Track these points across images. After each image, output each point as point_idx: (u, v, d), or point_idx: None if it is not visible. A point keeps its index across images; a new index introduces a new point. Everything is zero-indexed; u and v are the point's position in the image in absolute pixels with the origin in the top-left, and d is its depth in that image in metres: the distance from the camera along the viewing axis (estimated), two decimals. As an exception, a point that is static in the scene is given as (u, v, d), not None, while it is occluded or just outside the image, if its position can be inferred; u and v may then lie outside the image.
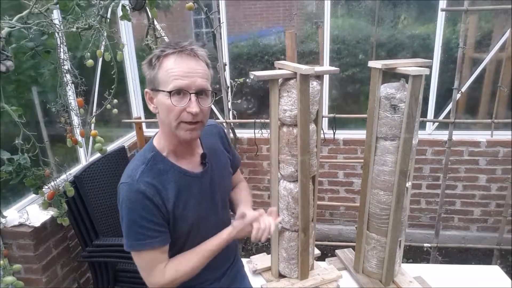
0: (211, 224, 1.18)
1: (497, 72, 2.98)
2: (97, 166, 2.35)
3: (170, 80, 0.97)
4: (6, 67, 1.35)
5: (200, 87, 1.00)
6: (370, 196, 1.94)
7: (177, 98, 0.98)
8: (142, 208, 1.02)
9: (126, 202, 1.02)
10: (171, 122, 1.01)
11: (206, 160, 1.15)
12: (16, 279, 1.55)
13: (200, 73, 1.00)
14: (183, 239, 1.13)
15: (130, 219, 1.03)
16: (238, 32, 3.49)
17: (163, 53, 1.00)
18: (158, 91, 1.01)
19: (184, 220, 1.10)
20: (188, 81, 0.98)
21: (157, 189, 1.04)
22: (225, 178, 1.24)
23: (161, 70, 0.99)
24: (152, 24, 2.58)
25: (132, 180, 1.03)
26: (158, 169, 1.07)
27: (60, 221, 1.99)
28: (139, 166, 1.06)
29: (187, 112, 0.99)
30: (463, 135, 3.11)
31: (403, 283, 1.99)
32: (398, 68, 1.71)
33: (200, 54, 1.01)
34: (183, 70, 0.98)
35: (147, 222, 1.02)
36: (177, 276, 1.08)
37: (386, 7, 3.11)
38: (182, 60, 0.98)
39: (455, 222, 3.36)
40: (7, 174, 1.53)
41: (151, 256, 1.06)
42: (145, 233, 1.03)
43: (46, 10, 1.53)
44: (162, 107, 1.01)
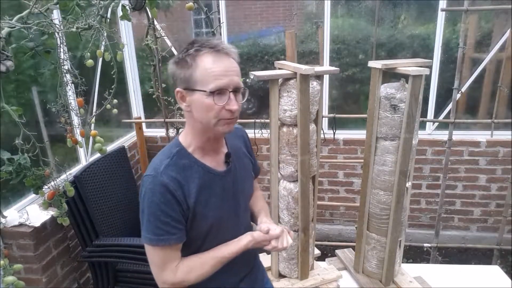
0: (231, 226, 1.16)
1: (497, 72, 2.98)
2: (97, 166, 2.35)
3: (211, 79, 0.98)
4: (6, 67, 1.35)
5: (237, 84, 1.02)
6: (370, 196, 1.94)
7: (217, 97, 0.99)
8: (163, 201, 1.02)
9: (149, 194, 1.03)
10: (210, 120, 1.02)
11: (230, 159, 1.15)
12: (16, 279, 1.55)
13: (235, 71, 1.02)
14: (201, 239, 1.12)
15: (150, 212, 1.03)
16: (238, 32, 3.49)
17: (198, 52, 1.00)
18: (194, 90, 1.01)
19: (204, 218, 1.09)
20: (227, 80, 0.99)
21: (180, 184, 1.04)
22: (247, 181, 1.24)
23: (198, 69, 0.99)
24: (152, 24, 2.58)
25: (156, 172, 1.03)
26: (183, 164, 1.07)
27: (60, 221, 1.99)
28: (163, 160, 1.06)
29: (226, 110, 1.01)
30: (463, 135, 3.12)
31: (403, 283, 1.99)
32: (398, 68, 1.71)
33: (233, 52, 1.04)
34: (222, 69, 0.99)
35: (167, 217, 1.02)
36: (188, 278, 1.07)
37: (386, 7, 3.11)
38: (219, 59, 1.00)
39: (455, 222, 3.36)
40: (7, 174, 1.53)
41: (166, 253, 1.05)
42: (164, 228, 1.02)
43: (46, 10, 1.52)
44: (198, 106, 1.02)
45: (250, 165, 1.27)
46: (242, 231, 1.16)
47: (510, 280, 2.08)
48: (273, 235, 1.10)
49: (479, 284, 2.04)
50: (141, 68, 3.45)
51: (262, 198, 1.39)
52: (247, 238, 1.12)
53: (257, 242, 1.11)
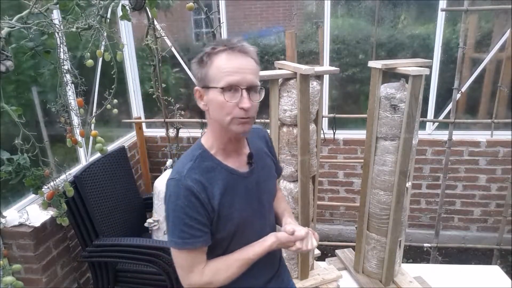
0: (256, 227, 1.16)
1: (497, 72, 2.98)
2: (97, 166, 2.35)
3: (222, 76, 0.99)
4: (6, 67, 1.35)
5: (251, 82, 1.01)
6: (370, 196, 1.94)
7: (229, 94, 0.99)
8: (188, 205, 1.02)
9: (173, 198, 1.03)
10: (223, 118, 1.02)
11: (252, 160, 1.15)
12: (15, 279, 1.55)
13: (250, 69, 1.02)
14: (228, 240, 1.12)
15: (175, 216, 1.03)
16: (238, 32, 3.48)
17: (214, 50, 1.01)
18: (209, 88, 1.02)
19: (229, 220, 1.09)
20: (239, 77, 0.99)
21: (204, 186, 1.04)
22: (270, 181, 1.23)
23: (212, 67, 1.01)
24: (152, 24, 2.58)
25: (180, 176, 1.04)
26: (206, 166, 1.07)
27: (59, 221, 1.99)
28: (186, 163, 1.07)
29: (239, 108, 1.00)
30: (463, 135, 3.11)
31: (403, 283, 1.99)
32: (398, 68, 1.71)
33: (250, 51, 1.03)
34: (234, 66, 0.99)
35: (192, 220, 1.02)
36: (215, 280, 1.08)
37: (386, 7, 3.11)
38: (233, 57, 1.00)
39: (455, 222, 3.36)
40: (7, 174, 1.53)
41: (192, 256, 1.06)
42: (189, 231, 1.03)
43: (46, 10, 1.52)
44: (213, 103, 1.02)
45: (273, 165, 1.26)
46: (268, 231, 1.15)
47: (510, 280, 2.08)
48: (298, 236, 1.09)
49: (479, 284, 2.04)
50: (141, 68, 3.45)
51: (284, 199, 1.38)
52: (271, 239, 1.11)
53: (281, 243, 1.10)
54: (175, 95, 3.49)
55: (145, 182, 3.41)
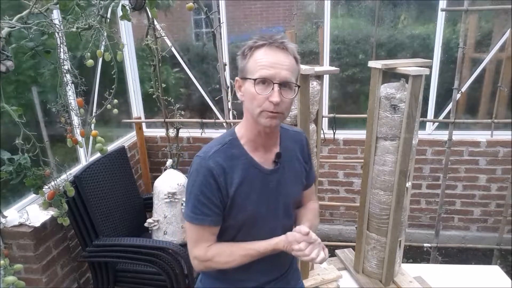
0: (268, 226, 1.17)
1: (497, 72, 2.98)
2: (97, 166, 2.35)
3: (257, 69, 1.02)
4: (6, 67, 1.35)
5: (284, 78, 1.03)
6: (370, 196, 1.94)
7: (261, 87, 1.03)
8: (205, 183, 1.07)
9: (194, 173, 1.10)
10: (254, 109, 1.05)
11: (279, 160, 1.16)
12: (17, 279, 1.55)
13: (286, 65, 1.03)
14: (236, 230, 1.15)
15: (191, 191, 1.10)
16: (238, 32, 3.48)
17: (255, 44, 1.05)
18: (246, 79, 1.06)
19: (241, 210, 1.12)
20: (273, 71, 1.02)
21: (225, 171, 1.08)
22: (294, 185, 1.22)
23: (251, 59, 1.04)
24: (152, 24, 2.58)
25: (205, 155, 1.09)
26: (232, 153, 1.11)
27: (60, 221, 1.99)
28: (215, 145, 1.12)
29: (269, 101, 1.02)
30: (463, 135, 3.11)
31: (403, 283, 1.99)
32: (398, 68, 1.71)
33: (290, 48, 1.05)
34: (270, 61, 1.02)
35: (205, 198, 1.08)
36: (216, 260, 1.12)
37: (386, 7, 3.11)
38: (271, 51, 1.03)
39: (455, 222, 3.36)
40: (7, 174, 1.53)
41: (200, 232, 1.11)
42: (200, 208, 1.08)
43: (46, 10, 1.52)
44: (247, 94, 1.06)
45: (302, 171, 1.25)
46: (279, 233, 1.15)
47: (510, 280, 2.08)
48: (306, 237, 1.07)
49: (479, 284, 2.04)
50: (141, 68, 3.45)
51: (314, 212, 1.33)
52: (278, 238, 1.12)
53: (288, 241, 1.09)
54: (175, 95, 3.49)
55: (145, 182, 3.41)
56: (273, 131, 1.12)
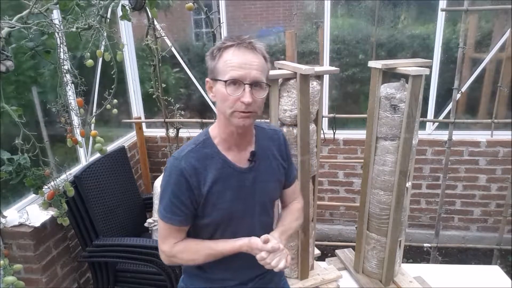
0: (245, 224, 1.18)
1: (497, 72, 2.98)
2: (97, 166, 2.35)
3: (227, 70, 1.03)
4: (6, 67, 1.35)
5: (255, 78, 1.04)
6: (370, 196, 1.94)
7: (232, 88, 1.03)
8: (176, 183, 1.09)
9: (166, 173, 1.13)
10: (226, 110, 1.06)
11: (254, 158, 1.17)
12: (17, 279, 1.55)
13: (256, 65, 1.04)
14: (213, 228, 1.16)
15: (163, 190, 1.13)
16: (238, 32, 3.48)
17: (223, 45, 1.06)
18: (216, 80, 1.06)
19: (216, 209, 1.13)
20: (243, 72, 1.02)
21: (197, 171, 1.10)
22: (270, 183, 1.23)
23: (221, 60, 1.05)
24: (152, 24, 2.58)
25: (178, 155, 1.12)
26: (205, 153, 1.13)
27: (60, 221, 1.99)
28: (189, 145, 1.14)
29: (241, 102, 1.03)
30: (463, 135, 3.11)
31: (403, 283, 1.99)
32: (398, 68, 1.71)
33: (258, 48, 1.06)
34: (240, 61, 1.03)
35: (175, 198, 1.10)
36: (180, 257, 1.17)
37: (386, 7, 3.11)
38: (240, 52, 1.04)
39: (455, 222, 3.36)
40: (7, 174, 1.53)
41: (169, 229, 1.15)
42: (171, 207, 1.11)
43: (46, 10, 1.52)
44: (219, 95, 1.07)
45: (280, 169, 1.25)
46: (258, 231, 1.17)
47: (510, 280, 2.08)
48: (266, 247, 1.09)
49: (479, 284, 2.04)
50: (141, 68, 3.45)
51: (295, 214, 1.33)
52: (243, 241, 1.13)
53: (250, 248, 1.12)
54: (175, 95, 3.49)
55: (145, 182, 3.41)
56: (246, 130, 1.13)
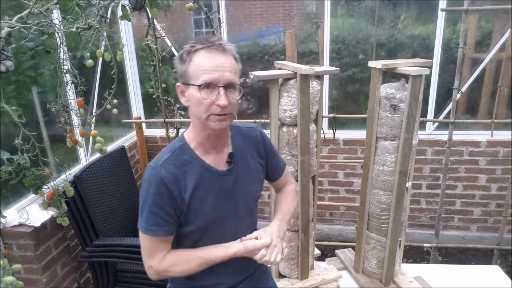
0: (230, 227, 1.17)
1: (497, 72, 2.98)
2: (97, 166, 2.35)
3: (200, 74, 1.01)
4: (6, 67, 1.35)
5: (228, 80, 1.02)
6: (370, 196, 1.94)
7: (206, 92, 1.01)
8: (157, 193, 1.05)
9: (146, 183, 1.08)
10: (201, 114, 1.04)
11: (232, 160, 1.15)
12: (16, 279, 1.55)
13: (228, 67, 1.03)
14: (198, 234, 1.14)
15: (144, 201, 1.08)
16: (238, 32, 3.48)
17: (193, 48, 1.03)
18: (188, 85, 1.04)
19: (199, 214, 1.10)
20: (216, 75, 1.01)
21: (177, 178, 1.07)
22: (251, 183, 1.21)
23: (191, 64, 1.03)
24: (152, 24, 2.58)
25: (156, 165, 1.08)
26: (183, 159, 1.10)
27: (59, 221, 1.99)
28: (166, 153, 1.10)
29: (216, 105, 1.02)
30: (463, 135, 3.11)
31: (403, 283, 1.99)
32: (398, 68, 1.71)
33: (228, 49, 1.05)
34: (212, 64, 1.01)
35: (158, 208, 1.06)
36: (171, 270, 1.12)
37: (386, 7, 3.11)
38: (211, 54, 1.02)
39: (455, 222, 3.36)
40: (7, 174, 1.53)
41: (154, 242, 1.10)
42: (154, 219, 1.07)
43: (46, 10, 1.52)
44: (192, 100, 1.05)
45: (258, 168, 1.24)
46: (244, 232, 1.16)
47: (510, 280, 2.08)
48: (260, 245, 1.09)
49: (479, 284, 2.04)
50: (141, 68, 3.45)
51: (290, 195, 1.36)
52: (237, 247, 1.12)
53: (247, 251, 1.11)
54: (175, 95, 3.48)
55: (145, 182, 3.41)
56: (222, 132, 1.12)
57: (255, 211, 1.27)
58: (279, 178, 1.34)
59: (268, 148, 1.27)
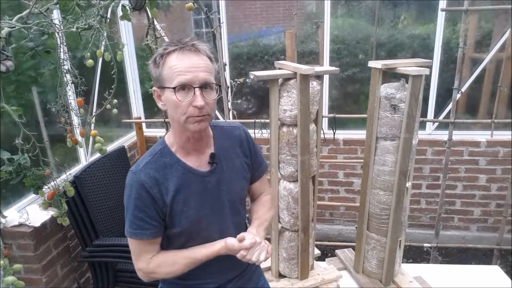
0: (216, 227, 1.17)
1: (497, 72, 2.98)
2: (97, 166, 2.35)
3: (174, 76, 1.00)
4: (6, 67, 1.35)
5: (203, 80, 1.01)
6: (370, 196, 1.94)
7: (182, 94, 1.00)
8: (138, 197, 1.06)
9: (127, 188, 1.08)
10: (179, 117, 1.03)
11: (214, 160, 1.15)
12: (16, 279, 1.55)
13: (202, 67, 1.02)
14: (185, 236, 1.14)
15: (127, 206, 1.08)
16: (238, 32, 3.48)
17: (165, 51, 1.02)
18: (164, 88, 1.03)
19: (183, 216, 1.10)
20: (191, 76, 1.00)
21: (158, 181, 1.07)
22: (236, 182, 1.21)
23: (165, 67, 1.02)
24: (152, 24, 2.58)
25: (136, 169, 1.08)
26: (164, 162, 1.10)
27: (60, 221, 1.99)
28: (146, 157, 1.11)
29: (193, 107, 1.01)
30: (463, 135, 3.11)
31: (403, 283, 1.99)
32: (398, 68, 1.71)
33: (202, 49, 1.04)
34: (186, 65, 1.00)
35: (140, 212, 1.06)
36: (158, 271, 1.12)
37: (386, 7, 3.11)
38: (184, 56, 1.01)
39: (455, 222, 3.36)
40: (7, 174, 1.53)
41: (140, 245, 1.10)
42: (138, 223, 1.07)
43: (46, 10, 1.52)
44: (169, 103, 1.04)
45: (243, 166, 1.23)
46: (232, 231, 1.17)
47: (510, 280, 2.08)
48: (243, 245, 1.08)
49: (479, 284, 2.04)
50: (141, 68, 3.45)
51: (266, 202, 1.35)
52: (220, 244, 1.12)
53: (229, 249, 1.10)
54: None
55: (145, 182, 3.41)
56: (202, 134, 1.11)
57: (242, 210, 1.26)
58: (257, 182, 1.32)
59: (251, 147, 1.26)
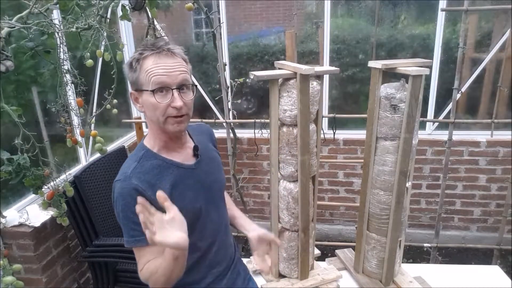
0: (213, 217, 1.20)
1: (497, 72, 2.98)
2: (97, 166, 2.35)
3: (152, 79, 1.03)
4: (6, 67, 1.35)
5: (180, 81, 1.05)
6: (370, 196, 1.94)
7: (160, 95, 1.03)
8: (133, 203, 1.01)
9: (120, 198, 1.07)
10: (158, 118, 1.06)
11: (198, 152, 1.19)
12: (16, 279, 1.55)
13: (179, 68, 1.05)
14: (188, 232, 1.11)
15: (124, 216, 1.07)
16: (238, 32, 3.49)
17: (142, 55, 1.05)
18: (142, 91, 1.06)
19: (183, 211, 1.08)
20: (168, 77, 1.03)
21: (150, 183, 1.07)
22: (218, 173, 1.27)
23: (142, 71, 1.04)
24: (152, 24, 2.58)
25: (125, 177, 1.08)
26: (151, 164, 1.11)
27: (60, 221, 1.99)
28: (131, 164, 1.11)
29: (172, 107, 1.04)
30: (463, 135, 3.11)
31: (403, 283, 1.99)
32: (398, 68, 1.71)
33: (177, 52, 1.07)
34: (162, 68, 1.03)
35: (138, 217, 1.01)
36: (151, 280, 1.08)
37: (386, 7, 3.11)
38: (160, 59, 1.04)
39: (455, 222, 3.36)
40: (7, 174, 1.53)
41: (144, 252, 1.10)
42: (138, 229, 1.04)
43: (46, 10, 1.52)
44: (148, 105, 1.06)
45: (219, 158, 1.31)
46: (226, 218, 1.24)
47: (510, 280, 2.08)
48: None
49: (479, 284, 2.04)
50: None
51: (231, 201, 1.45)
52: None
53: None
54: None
55: (145, 182, 3.41)
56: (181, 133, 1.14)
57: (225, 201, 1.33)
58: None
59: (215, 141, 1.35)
